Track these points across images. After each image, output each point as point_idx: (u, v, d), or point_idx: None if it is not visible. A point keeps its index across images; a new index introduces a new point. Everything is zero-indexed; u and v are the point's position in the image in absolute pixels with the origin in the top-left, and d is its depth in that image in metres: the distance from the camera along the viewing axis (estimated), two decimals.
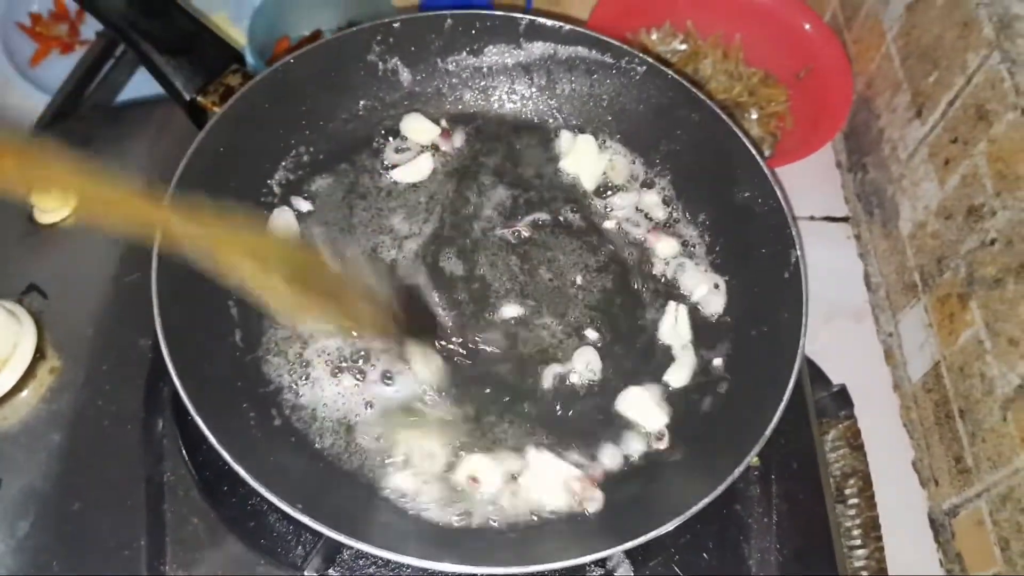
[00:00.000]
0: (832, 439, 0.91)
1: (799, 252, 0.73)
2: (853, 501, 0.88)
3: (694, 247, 0.85)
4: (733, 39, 1.18)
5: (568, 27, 0.84)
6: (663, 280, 0.84)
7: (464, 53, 0.87)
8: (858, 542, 0.85)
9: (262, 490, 0.59)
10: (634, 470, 0.73)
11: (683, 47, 1.17)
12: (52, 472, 0.71)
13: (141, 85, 1.08)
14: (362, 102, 0.87)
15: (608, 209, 0.87)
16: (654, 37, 1.17)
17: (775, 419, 0.65)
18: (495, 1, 1.16)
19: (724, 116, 0.78)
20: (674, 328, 0.80)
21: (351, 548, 0.68)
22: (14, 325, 0.74)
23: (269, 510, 0.71)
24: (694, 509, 0.62)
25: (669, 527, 0.62)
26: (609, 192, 0.88)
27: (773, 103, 1.16)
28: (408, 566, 0.63)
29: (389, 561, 0.69)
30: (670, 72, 0.81)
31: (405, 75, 0.87)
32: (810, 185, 1.11)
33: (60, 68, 1.07)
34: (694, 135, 0.83)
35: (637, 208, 0.87)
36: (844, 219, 1.12)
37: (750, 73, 1.17)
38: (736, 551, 0.75)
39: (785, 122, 1.15)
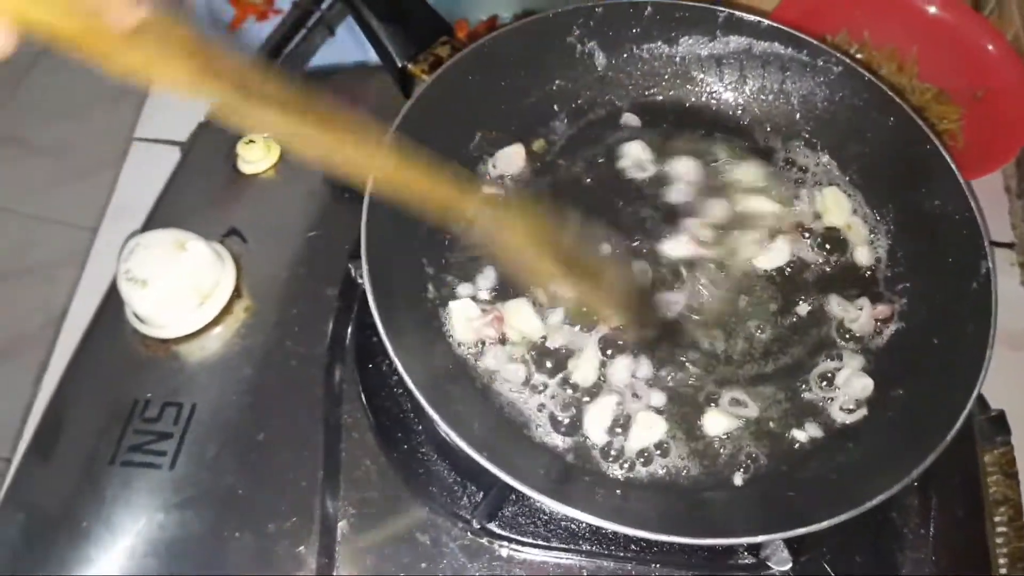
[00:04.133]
0: (986, 464, 0.89)
1: (990, 263, 0.72)
2: (1001, 529, 0.86)
3: (877, 261, 0.85)
4: (909, 53, 1.16)
5: (767, 22, 0.85)
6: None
7: (660, 42, 0.88)
8: (1003, 572, 0.83)
9: (452, 434, 0.62)
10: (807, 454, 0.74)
11: (858, 57, 1.16)
12: (241, 403, 0.76)
13: (325, 56, 1.14)
14: (557, 82, 0.89)
15: None
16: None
17: (955, 429, 0.65)
18: None
19: (921, 122, 0.78)
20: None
21: (516, 503, 0.72)
22: (217, 264, 0.80)
23: (439, 459, 0.75)
24: (852, 513, 0.62)
25: (832, 521, 0.62)
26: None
27: (945, 120, 1.13)
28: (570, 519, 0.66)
29: (552, 517, 0.72)
30: (867, 74, 0.81)
31: (600, 59, 0.89)
32: None
33: (255, 34, 1.14)
34: (886, 139, 0.83)
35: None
36: (1009, 245, 1.09)
37: (923, 88, 1.15)
38: (889, 559, 0.74)
39: (957, 141, 1.13)
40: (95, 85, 2.44)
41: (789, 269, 0.84)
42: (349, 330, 0.81)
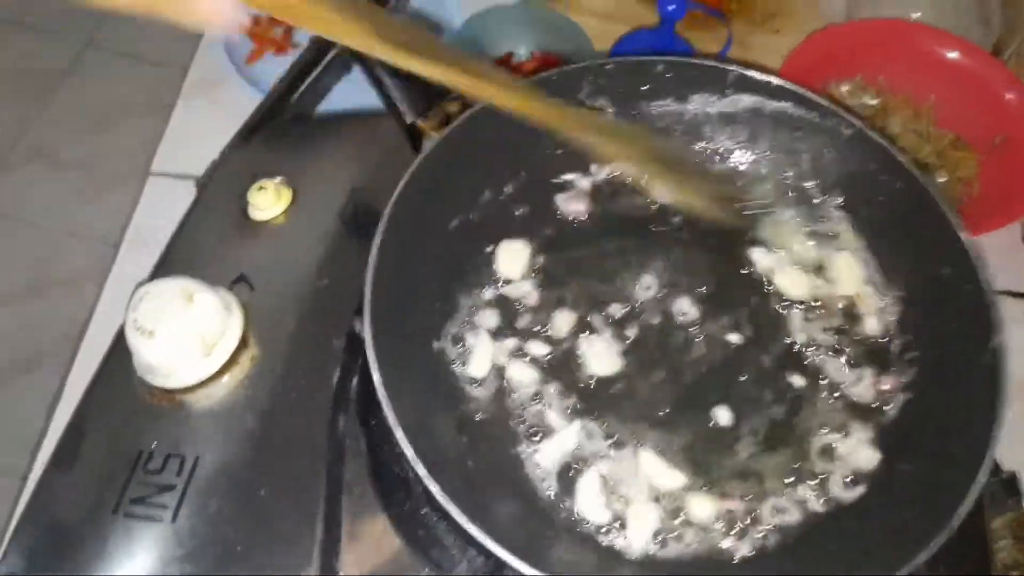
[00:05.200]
0: (996, 528, 0.87)
1: (1001, 339, 0.71)
2: None
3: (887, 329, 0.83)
4: (926, 99, 1.16)
5: (777, 81, 0.84)
6: None
7: (670, 99, 0.88)
8: None
9: (449, 507, 0.62)
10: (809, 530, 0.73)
11: (873, 102, 1.15)
12: (244, 456, 0.76)
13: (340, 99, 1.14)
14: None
15: None
16: (844, 90, 1.16)
17: (958, 517, 0.64)
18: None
19: (931, 189, 0.77)
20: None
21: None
22: (224, 312, 0.80)
23: (439, 520, 0.75)
24: None
25: None
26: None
27: (961, 168, 1.13)
28: None
29: None
30: (876, 137, 0.80)
31: (610, 116, 0.88)
32: (990, 258, 1.08)
33: (273, 68, 1.15)
34: (897, 204, 0.82)
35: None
36: None
37: (940, 135, 1.15)
38: None
39: (972, 189, 1.12)
40: (123, 100, 2.49)
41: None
42: (354, 383, 0.81)
